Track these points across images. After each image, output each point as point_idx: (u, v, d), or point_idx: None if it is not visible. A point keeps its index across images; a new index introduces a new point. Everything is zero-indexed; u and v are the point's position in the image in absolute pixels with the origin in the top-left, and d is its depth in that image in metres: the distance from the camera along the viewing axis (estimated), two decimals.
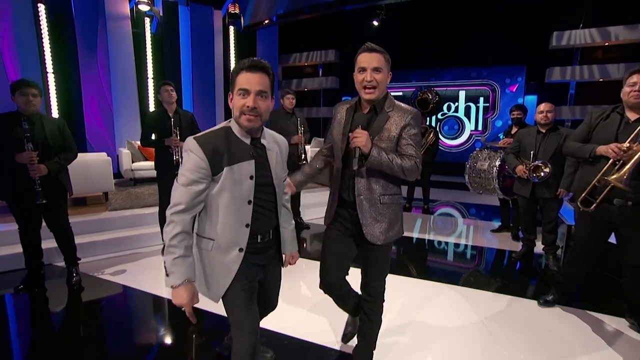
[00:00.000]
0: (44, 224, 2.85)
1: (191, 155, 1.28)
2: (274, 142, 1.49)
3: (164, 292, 2.84)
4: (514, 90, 8.33)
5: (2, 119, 2.58)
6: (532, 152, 3.22)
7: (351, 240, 1.71)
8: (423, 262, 3.80)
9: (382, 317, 1.83)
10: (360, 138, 1.46)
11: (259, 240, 1.43)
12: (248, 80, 1.29)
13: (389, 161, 1.49)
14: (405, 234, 4.59)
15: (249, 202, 1.36)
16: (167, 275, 1.27)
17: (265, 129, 1.46)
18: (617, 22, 6.83)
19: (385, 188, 1.59)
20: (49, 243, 3.02)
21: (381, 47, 1.55)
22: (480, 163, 4.07)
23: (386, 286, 1.79)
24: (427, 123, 5.91)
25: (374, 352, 1.86)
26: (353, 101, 1.70)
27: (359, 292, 1.84)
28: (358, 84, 1.56)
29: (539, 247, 3.59)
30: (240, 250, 1.38)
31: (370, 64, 1.51)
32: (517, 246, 3.97)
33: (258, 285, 1.50)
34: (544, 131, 3.22)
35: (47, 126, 2.69)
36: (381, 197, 1.58)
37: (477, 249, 4.08)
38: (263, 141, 1.42)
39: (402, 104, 1.62)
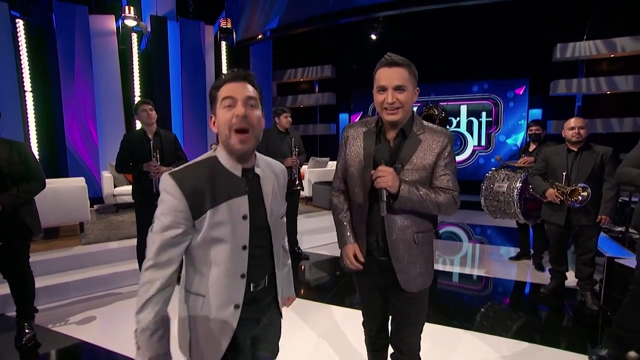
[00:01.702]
0: None
1: (166, 196, 1.02)
2: (270, 170, 1.21)
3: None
4: (521, 92, 8.01)
5: None
6: (564, 174, 2.81)
7: (377, 290, 1.49)
8: (432, 299, 3.33)
9: None
10: (386, 177, 1.22)
11: (251, 290, 1.14)
12: (232, 88, 1.06)
13: (421, 199, 1.26)
14: None
15: (244, 247, 1.09)
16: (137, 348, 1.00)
17: (258, 154, 1.19)
18: (623, 34, 6.62)
19: (419, 225, 1.36)
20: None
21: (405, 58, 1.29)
22: (498, 184, 3.67)
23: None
24: None
25: None
26: (372, 122, 1.40)
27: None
28: (378, 105, 1.30)
29: (569, 280, 3.17)
30: (237, 307, 1.11)
31: (391, 82, 1.25)
32: (542, 277, 3.53)
33: (252, 342, 1.23)
34: (575, 150, 2.83)
35: (2, 152, 2.23)
36: (415, 236, 1.35)
37: (499, 283, 3.60)
38: (257, 170, 1.15)
39: (433, 125, 1.38)
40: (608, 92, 7.03)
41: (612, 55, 7.02)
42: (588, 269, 2.87)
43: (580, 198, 2.62)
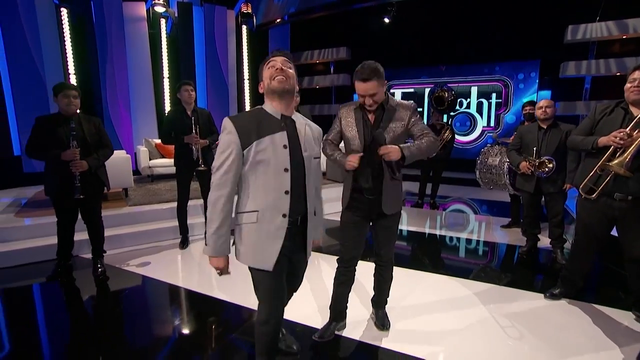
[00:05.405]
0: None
1: (225, 135, 1.43)
2: (304, 121, 1.61)
3: (182, 284, 3.00)
4: (532, 75, 8.18)
5: (48, 121, 2.78)
6: (534, 149, 3.22)
7: (365, 221, 2.05)
8: (434, 256, 3.86)
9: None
10: (392, 153, 1.78)
11: (287, 225, 1.48)
12: (274, 58, 1.49)
13: (419, 150, 1.86)
14: (416, 229, 4.70)
15: (285, 169, 1.45)
16: (205, 244, 1.48)
17: (297, 113, 1.60)
18: (636, 15, 6.67)
19: (399, 170, 1.99)
20: (76, 236, 3.21)
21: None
22: (492, 159, 4.10)
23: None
24: (444, 120, 5.90)
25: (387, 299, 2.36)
26: (357, 103, 1.99)
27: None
28: (360, 99, 1.89)
29: (545, 242, 3.64)
30: (284, 216, 1.46)
31: (366, 92, 1.81)
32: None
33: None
34: (544, 127, 3.22)
35: (85, 125, 2.89)
36: (393, 180, 1.97)
37: (488, 245, 4.12)
38: (293, 117, 1.56)
39: (402, 101, 2.01)
40: (618, 74, 7.13)
41: (624, 37, 7.08)
42: (558, 230, 3.34)
43: (547, 170, 3.05)
